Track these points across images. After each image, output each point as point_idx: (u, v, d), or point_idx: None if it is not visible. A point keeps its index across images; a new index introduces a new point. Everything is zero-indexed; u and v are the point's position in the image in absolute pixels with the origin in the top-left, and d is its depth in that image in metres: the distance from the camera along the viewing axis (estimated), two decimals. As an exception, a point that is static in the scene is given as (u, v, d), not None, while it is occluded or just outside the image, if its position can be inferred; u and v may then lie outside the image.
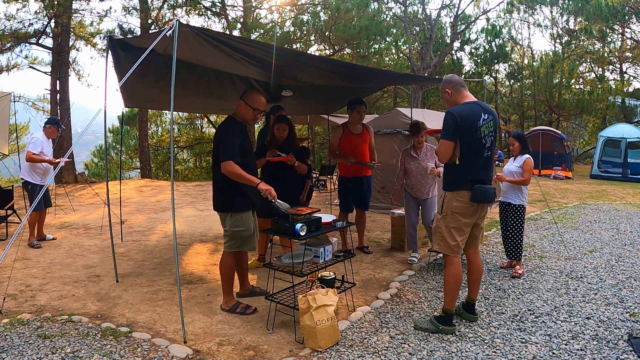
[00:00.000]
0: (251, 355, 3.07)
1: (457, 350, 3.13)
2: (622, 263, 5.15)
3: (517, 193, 4.74)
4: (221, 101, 6.39)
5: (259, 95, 3.71)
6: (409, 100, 18.57)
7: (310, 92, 6.35)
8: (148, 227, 6.99)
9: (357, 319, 3.61)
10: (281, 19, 16.58)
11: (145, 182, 13.10)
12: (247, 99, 3.67)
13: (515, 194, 4.74)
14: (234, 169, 3.45)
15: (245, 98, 3.68)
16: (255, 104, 3.66)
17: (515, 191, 4.74)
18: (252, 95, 3.69)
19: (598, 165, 14.79)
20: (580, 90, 22.18)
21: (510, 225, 4.78)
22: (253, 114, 3.68)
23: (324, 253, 3.53)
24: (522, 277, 4.63)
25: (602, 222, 7.51)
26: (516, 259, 4.80)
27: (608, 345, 3.19)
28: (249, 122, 3.76)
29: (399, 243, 5.73)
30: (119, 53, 4.17)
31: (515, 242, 4.77)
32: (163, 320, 3.58)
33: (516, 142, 4.81)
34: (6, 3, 12.98)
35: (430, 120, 8.10)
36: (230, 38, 4.54)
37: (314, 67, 5.01)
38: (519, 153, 4.79)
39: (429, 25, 18.07)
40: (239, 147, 3.54)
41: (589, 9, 19.98)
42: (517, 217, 4.74)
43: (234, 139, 3.55)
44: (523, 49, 27.65)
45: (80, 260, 5.16)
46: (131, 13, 15.16)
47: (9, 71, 14.09)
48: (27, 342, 3.13)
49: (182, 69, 4.52)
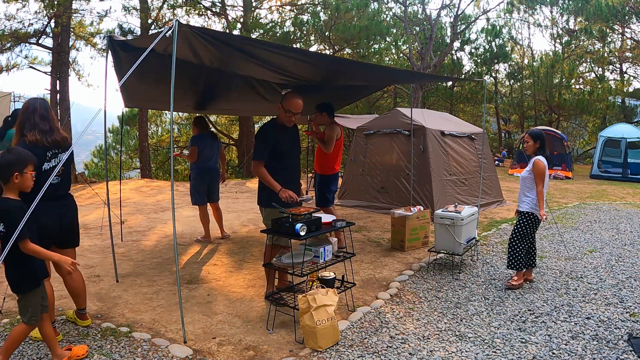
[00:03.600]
0: (251, 355, 3.07)
1: (457, 350, 3.13)
2: (622, 263, 5.15)
3: (521, 198, 4.40)
4: (221, 101, 6.39)
5: (294, 98, 3.84)
6: (409, 100, 18.56)
7: (310, 91, 6.34)
8: (148, 227, 6.99)
9: (357, 319, 3.61)
10: (281, 19, 16.59)
11: (144, 182, 13.09)
12: (282, 101, 3.87)
13: (521, 200, 4.40)
14: (259, 170, 3.72)
15: (281, 101, 3.89)
16: (288, 106, 3.82)
17: (521, 196, 4.40)
18: (286, 99, 3.86)
19: (598, 165, 14.79)
20: (580, 90, 22.17)
21: (513, 230, 4.44)
22: (286, 116, 3.84)
23: (324, 253, 3.53)
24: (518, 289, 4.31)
25: (602, 222, 7.51)
26: (509, 267, 4.42)
27: (608, 345, 3.19)
28: (285, 124, 3.91)
29: (399, 243, 5.73)
30: (119, 53, 4.17)
31: (512, 248, 4.39)
32: (163, 320, 3.58)
33: (530, 141, 4.34)
34: (6, 3, 12.98)
35: (430, 120, 8.11)
36: (230, 37, 4.54)
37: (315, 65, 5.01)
38: (533, 153, 4.35)
39: (429, 25, 18.08)
40: (271, 148, 3.76)
41: (589, 9, 19.99)
42: (519, 223, 4.38)
43: (266, 140, 3.77)
44: (523, 49, 27.67)
45: (80, 260, 5.15)
46: (131, 13, 15.18)
47: (8, 71, 14.09)
48: (27, 342, 3.13)
49: (182, 69, 4.52)
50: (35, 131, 2.96)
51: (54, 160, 3.03)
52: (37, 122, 2.98)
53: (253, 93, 5.88)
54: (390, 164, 8.07)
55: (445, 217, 4.82)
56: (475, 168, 8.22)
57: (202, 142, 5.85)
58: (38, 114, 3.01)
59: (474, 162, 8.29)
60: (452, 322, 3.60)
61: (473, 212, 5.06)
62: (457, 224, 4.72)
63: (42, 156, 2.97)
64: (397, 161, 7.91)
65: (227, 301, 4.02)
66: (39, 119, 3.00)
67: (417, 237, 5.77)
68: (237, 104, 6.69)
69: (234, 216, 7.79)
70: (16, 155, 2.65)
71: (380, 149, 8.28)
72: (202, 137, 5.92)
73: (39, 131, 2.97)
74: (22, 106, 3.10)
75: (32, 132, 2.95)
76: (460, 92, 24.59)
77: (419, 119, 7.71)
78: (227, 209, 8.28)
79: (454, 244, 4.78)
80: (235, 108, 7.38)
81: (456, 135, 8.15)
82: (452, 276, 4.71)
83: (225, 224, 7.10)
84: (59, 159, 3.04)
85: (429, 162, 7.39)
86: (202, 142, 5.85)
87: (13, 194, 2.64)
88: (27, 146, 2.91)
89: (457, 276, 4.71)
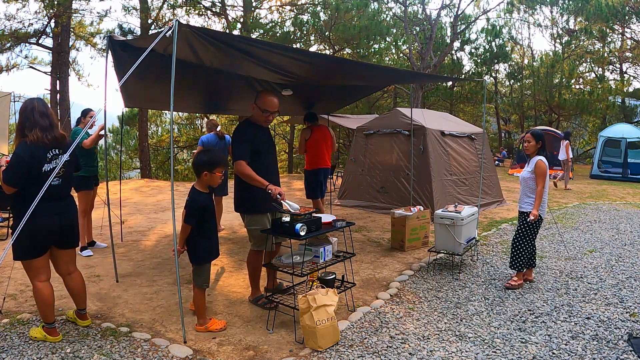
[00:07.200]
0: (251, 355, 3.07)
1: (457, 350, 3.13)
2: (622, 263, 5.15)
3: (522, 199, 4.38)
4: (221, 101, 6.40)
5: (268, 97, 3.73)
6: (409, 100, 18.57)
7: (310, 91, 6.35)
8: (148, 227, 6.99)
9: (357, 319, 3.61)
10: (281, 19, 16.59)
11: (144, 182, 13.09)
12: (257, 101, 3.74)
13: (522, 200, 4.38)
14: (242, 169, 3.55)
15: (255, 100, 3.75)
16: (264, 106, 3.69)
17: (523, 197, 4.38)
18: (261, 97, 3.73)
19: (598, 165, 14.79)
20: (580, 90, 22.16)
21: (516, 231, 4.40)
22: (263, 116, 3.71)
23: (324, 253, 3.53)
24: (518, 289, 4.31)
25: (602, 222, 7.51)
26: (511, 267, 4.42)
27: (608, 345, 3.19)
28: (262, 124, 3.79)
29: (399, 243, 5.73)
30: (119, 53, 4.16)
31: (515, 249, 4.36)
32: (163, 320, 3.58)
33: (532, 140, 4.30)
34: (6, 3, 12.99)
35: (430, 120, 8.11)
36: (230, 37, 4.53)
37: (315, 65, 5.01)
38: (534, 153, 4.33)
39: (429, 25, 18.08)
40: (250, 148, 3.61)
41: (589, 9, 19.98)
42: (522, 223, 4.35)
43: (245, 139, 3.62)
44: (523, 49, 27.68)
45: (80, 260, 5.15)
46: (131, 13, 15.19)
47: (8, 71, 14.11)
48: (27, 342, 3.13)
49: (182, 69, 4.51)
50: (35, 129, 2.95)
51: (54, 162, 3.03)
52: (36, 120, 2.98)
53: (253, 93, 5.87)
54: (390, 164, 8.07)
55: (445, 217, 4.82)
56: (475, 168, 8.22)
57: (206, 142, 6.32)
58: (37, 111, 3.00)
59: (474, 162, 8.29)
60: (452, 322, 3.60)
61: (473, 212, 5.06)
62: (457, 224, 4.72)
63: (43, 157, 2.96)
64: (397, 161, 7.91)
65: (227, 301, 4.02)
66: (38, 115, 2.99)
67: (417, 237, 5.77)
68: (237, 104, 6.69)
69: (234, 216, 7.79)
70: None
71: (380, 149, 8.28)
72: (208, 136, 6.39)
73: (39, 129, 2.96)
74: (20, 107, 3.10)
75: (33, 131, 2.94)
76: (460, 92, 24.60)
77: (419, 119, 7.71)
78: (227, 209, 8.28)
79: (454, 244, 4.78)
80: (235, 108, 7.38)
81: (456, 135, 8.15)
82: (452, 276, 4.71)
83: (225, 224, 7.12)
84: (60, 160, 3.04)
85: (429, 162, 7.39)
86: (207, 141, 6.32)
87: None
88: (27, 147, 2.91)
89: (457, 276, 4.71)
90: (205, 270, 3.39)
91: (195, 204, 3.23)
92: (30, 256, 3.01)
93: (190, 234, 3.26)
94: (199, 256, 3.35)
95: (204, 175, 3.25)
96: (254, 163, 3.62)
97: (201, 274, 3.37)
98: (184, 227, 3.25)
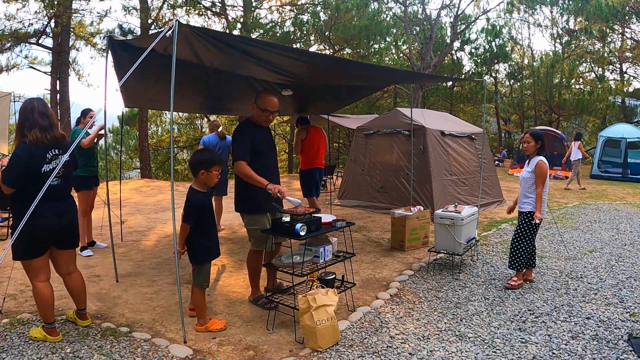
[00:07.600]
0: (251, 355, 3.07)
1: (457, 350, 3.13)
2: (622, 263, 5.15)
3: (522, 199, 4.36)
4: (221, 101, 6.40)
5: (268, 96, 3.74)
6: (409, 100, 18.57)
7: (310, 91, 6.34)
8: (148, 227, 6.99)
9: (357, 319, 3.61)
10: (281, 19, 16.59)
11: (144, 182, 13.09)
12: (257, 100, 3.75)
13: (522, 200, 4.35)
14: (243, 169, 3.55)
15: (256, 100, 3.76)
16: (264, 105, 3.70)
17: (522, 197, 4.35)
18: (261, 97, 3.75)
19: (598, 165, 14.79)
20: (580, 90, 22.18)
21: (515, 231, 4.40)
22: (264, 115, 3.73)
23: (324, 253, 3.53)
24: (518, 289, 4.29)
25: (602, 222, 7.51)
26: (510, 267, 4.41)
27: (608, 345, 3.19)
28: (262, 124, 3.80)
29: (399, 243, 5.73)
30: (119, 53, 4.16)
31: (514, 249, 4.36)
32: (163, 320, 3.58)
33: (532, 141, 4.29)
34: (6, 3, 12.99)
35: (430, 120, 8.11)
36: (230, 37, 4.53)
37: (315, 65, 5.01)
38: (533, 153, 4.32)
39: (429, 25, 18.08)
40: (250, 148, 3.61)
41: (589, 9, 19.99)
42: (521, 223, 4.35)
43: (245, 139, 3.63)
44: (523, 49, 27.69)
45: (80, 260, 5.15)
46: (131, 13, 15.18)
47: (8, 71, 14.12)
48: (27, 342, 3.13)
49: (182, 69, 4.51)
50: (35, 129, 2.94)
51: (54, 162, 3.03)
52: (36, 119, 2.97)
53: (253, 93, 5.87)
54: (390, 164, 8.07)
55: (445, 217, 4.81)
56: (475, 168, 8.22)
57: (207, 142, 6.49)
58: (37, 111, 3.00)
59: (474, 162, 8.29)
60: (452, 322, 3.60)
61: (473, 212, 5.05)
62: (457, 224, 4.72)
63: (42, 157, 2.96)
64: (397, 161, 7.91)
65: (227, 301, 4.02)
66: (38, 115, 2.99)
67: (417, 237, 5.77)
68: (237, 104, 6.69)
69: (234, 216, 7.79)
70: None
71: (380, 149, 8.28)
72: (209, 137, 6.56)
73: (38, 128, 2.95)
74: (20, 107, 3.10)
75: (32, 131, 2.94)
76: (460, 92, 24.60)
77: (419, 119, 7.71)
78: (227, 209, 8.27)
79: (454, 244, 4.78)
80: (235, 108, 7.38)
81: (456, 135, 8.15)
82: (452, 276, 4.70)
83: (225, 224, 7.13)
84: (59, 160, 3.04)
85: (429, 162, 7.39)
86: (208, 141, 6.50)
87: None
88: (27, 147, 2.91)
89: (457, 276, 4.71)
90: (205, 270, 3.40)
91: (193, 203, 3.24)
92: (30, 256, 3.01)
93: (189, 233, 3.28)
94: (198, 256, 3.36)
95: (201, 174, 3.28)
96: (254, 163, 3.61)
97: (201, 273, 3.38)
98: (183, 227, 3.26)
